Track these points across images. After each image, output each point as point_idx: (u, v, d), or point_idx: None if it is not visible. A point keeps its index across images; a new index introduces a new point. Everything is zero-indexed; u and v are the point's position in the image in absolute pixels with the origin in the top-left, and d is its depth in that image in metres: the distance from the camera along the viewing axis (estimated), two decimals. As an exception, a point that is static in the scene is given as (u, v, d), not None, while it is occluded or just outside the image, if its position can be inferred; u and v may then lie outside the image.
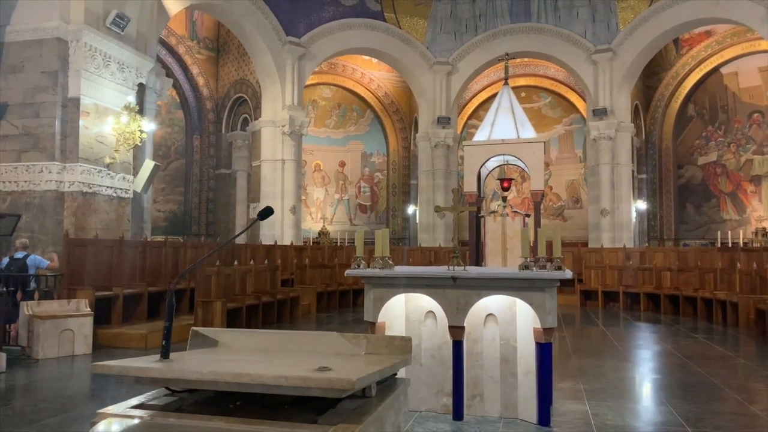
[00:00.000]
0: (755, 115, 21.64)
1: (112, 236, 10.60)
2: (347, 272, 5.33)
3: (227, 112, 20.47)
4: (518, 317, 5.08)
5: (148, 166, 11.76)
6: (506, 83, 13.05)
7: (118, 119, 10.82)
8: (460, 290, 4.97)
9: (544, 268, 4.90)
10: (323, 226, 23.51)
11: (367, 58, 22.23)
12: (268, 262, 12.91)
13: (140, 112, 11.56)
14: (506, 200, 11.16)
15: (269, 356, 2.38)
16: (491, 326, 5.17)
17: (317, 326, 11.69)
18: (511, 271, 5.22)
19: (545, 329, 4.81)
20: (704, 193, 22.68)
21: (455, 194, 5.66)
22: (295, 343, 2.62)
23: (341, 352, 2.48)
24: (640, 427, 5.02)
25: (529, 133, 12.24)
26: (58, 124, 10.06)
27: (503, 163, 12.57)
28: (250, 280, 11.36)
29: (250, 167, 19.19)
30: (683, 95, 22.65)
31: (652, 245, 21.89)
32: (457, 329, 4.98)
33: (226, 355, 2.45)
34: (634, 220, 20.06)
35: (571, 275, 5.05)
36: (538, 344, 4.87)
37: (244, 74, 19.60)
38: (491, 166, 12.83)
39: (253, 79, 18.79)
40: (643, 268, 15.13)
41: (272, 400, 2.11)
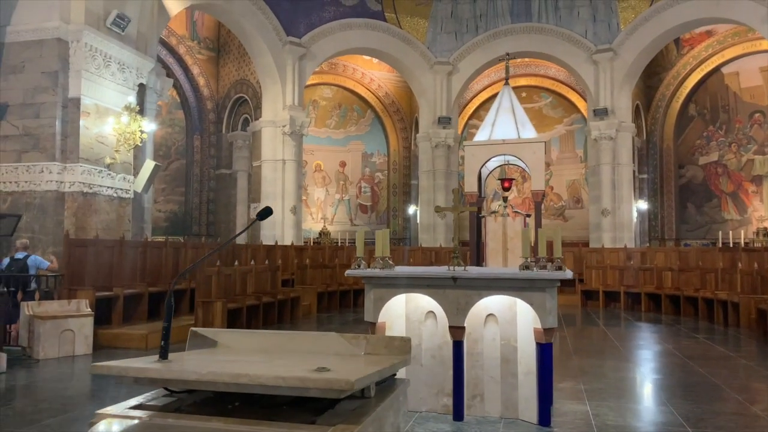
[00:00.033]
0: (756, 115, 21.63)
1: (112, 236, 10.60)
2: (347, 272, 5.33)
3: (228, 112, 20.48)
4: (519, 317, 5.07)
5: (148, 166, 11.77)
6: (507, 83, 13.05)
7: (118, 119, 10.82)
8: (460, 290, 4.97)
9: (544, 268, 4.89)
10: (324, 226, 23.50)
11: (367, 58, 22.23)
12: (268, 262, 12.91)
13: (141, 112, 11.57)
14: (507, 200, 11.16)
15: (268, 357, 2.37)
16: (492, 326, 5.17)
17: (318, 326, 11.69)
18: (511, 271, 5.22)
19: (546, 329, 4.80)
20: (705, 193, 22.67)
21: (456, 194, 5.66)
22: (294, 343, 2.62)
23: (340, 352, 2.47)
24: (641, 427, 5.01)
25: (529, 133, 12.24)
26: (58, 124, 10.06)
27: (504, 163, 12.57)
28: (250, 280, 11.36)
29: (250, 167, 19.20)
30: (684, 95, 22.64)
31: (653, 245, 21.88)
32: (457, 329, 4.98)
33: (224, 355, 2.44)
34: (635, 220, 20.05)
35: (571, 275, 5.05)
36: (538, 344, 4.87)
37: (244, 74, 19.61)
38: (492, 166, 12.83)
39: (253, 79, 18.79)
40: (644, 268, 15.12)
41: (271, 400, 2.11)
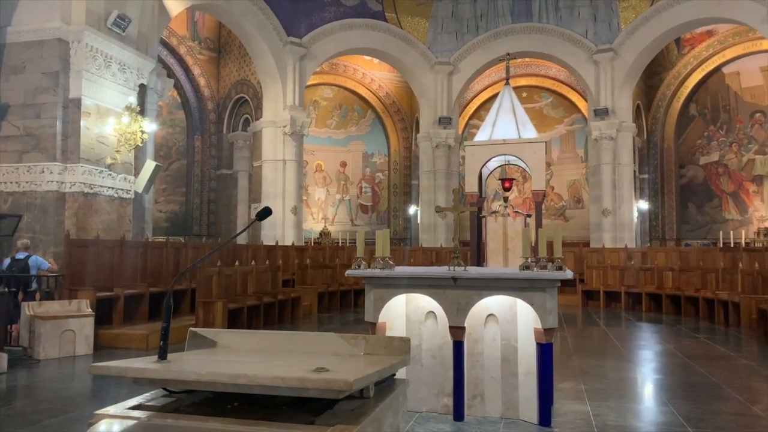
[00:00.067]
0: (757, 114, 21.61)
1: (113, 237, 10.60)
2: (348, 272, 5.33)
3: (228, 112, 20.48)
4: (519, 317, 5.07)
5: (149, 166, 11.77)
6: (507, 83, 13.06)
7: (119, 120, 10.83)
8: (460, 290, 4.97)
9: (544, 268, 4.89)
10: (324, 226, 23.51)
11: (368, 58, 22.23)
12: (269, 262, 12.91)
13: (141, 112, 11.57)
14: (507, 200, 11.16)
15: (267, 357, 2.37)
16: (492, 326, 5.16)
17: (318, 327, 11.69)
18: (511, 271, 5.21)
19: (546, 329, 4.80)
20: (706, 193, 22.65)
21: (456, 194, 5.66)
22: (293, 343, 2.62)
23: (340, 352, 2.47)
24: (641, 427, 5.01)
25: (530, 133, 12.25)
26: (59, 124, 10.06)
27: (504, 163, 12.58)
28: (251, 280, 11.36)
29: (251, 168, 19.20)
30: (685, 95, 22.63)
31: (653, 245, 21.86)
32: (457, 329, 4.98)
33: (224, 355, 2.44)
34: (635, 220, 20.04)
35: (571, 275, 5.04)
36: (538, 344, 4.87)
37: (245, 74, 19.61)
38: (492, 166, 12.84)
39: (254, 79, 18.80)
40: (644, 268, 15.10)
41: (270, 400, 2.10)
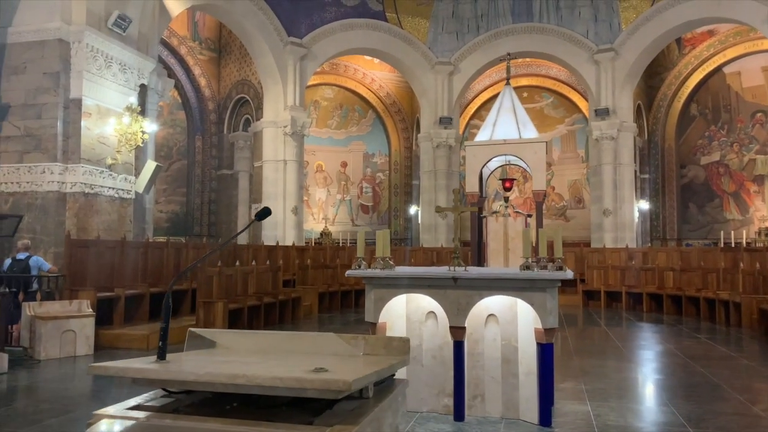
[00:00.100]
0: (758, 114, 21.59)
1: (114, 237, 10.61)
2: (348, 273, 5.33)
3: (229, 112, 20.48)
4: (519, 318, 5.07)
5: (149, 166, 11.77)
6: (508, 83, 13.07)
7: (119, 120, 10.83)
8: (461, 291, 4.96)
9: (545, 268, 4.88)
10: (325, 226, 23.51)
11: (368, 58, 22.23)
12: (270, 262, 12.91)
13: (142, 113, 11.58)
14: (508, 200, 11.17)
15: (266, 357, 2.37)
16: (492, 327, 5.16)
17: (319, 327, 11.69)
18: (511, 271, 5.21)
19: (546, 329, 4.79)
20: (707, 192, 22.63)
21: (456, 194, 5.66)
22: (292, 343, 2.61)
23: (339, 352, 2.47)
24: (642, 427, 5.00)
25: (531, 133, 12.25)
26: (60, 125, 10.07)
27: (505, 163, 12.58)
28: (251, 280, 11.36)
29: (252, 168, 19.21)
30: (686, 95, 22.61)
31: (654, 245, 21.85)
32: (458, 330, 4.97)
33: (223, 356, 2.44)
34: (636, 220, 20.03)
35: (572, 275, 5.04)
36: (539, 345, 4.86)
37: (245, 75, 19.61)
38: (493, 166, 12.85)
39: (254, 79, 18.80)
40: (645, 268, 15.09)
41: (269, 401, 2.10)
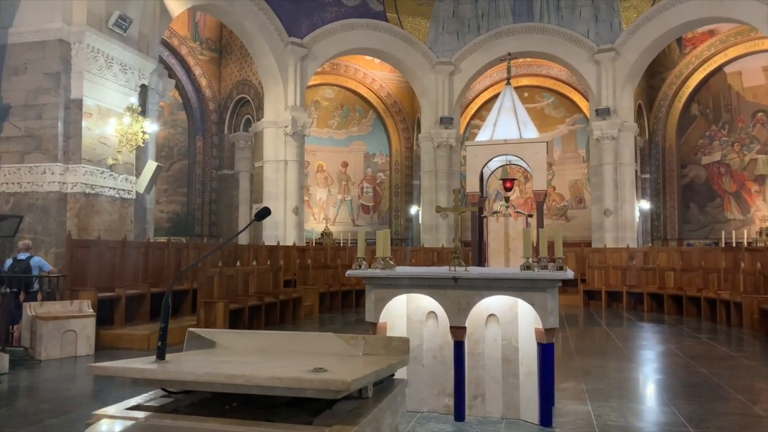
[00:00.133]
0: (759, 114, 21.56)
1: (114, 237, 10.61)
2: (348, 273, 5.33)
3: (230, 112, 20.49)
4: (520, 318, 5.06)
5: (150, 167, 11.78)
6: (509, 83, 13.06)
7: (120, 120, 10.84)
8: (461, 291, 4.96)
9: (545, 268, 4.88)
10: (326, 226, 23.51)
11: (369, 58, 22.22)
12: (270, 262, 12.91)
13: (143, 113, 11.58)
14: (509, 200, 11.16)
15: (266, 357, 2.37)
16: (493, 327, 5.16)
17: (319, 327, 11.68)
18: (512, 271, 5.20)
19: (547, 329, 4.79)
20: (708, 192, 22.61)
21: (457, 195, 5.65)
22: (292, 343, 2.61)
23: (338, 353, 2.46)
24: (643, 427, 4.99)
25: (531, 133, 12.24)
26: (60, 125, 10.07)
27: (506, 163, 12.57)
28: (252, 280, 11.37)
29: (252, 168, 19.21)
30: (687, 95, 22.58)
31: (655, 245, 21.82)
32: (458, 330, 4.97)
33: (222, 356, 2.44)
34: (637, 220, 20.01)
35: (572, 275, 5.03)
36: (539, 345, 4.86)
37: (246, 75, 19.62)
38: (494, 166, 12.84)
39: (255, 79, 18.80)
40: (646, 268, 15.08)
41: (269, 401, 2.10)
